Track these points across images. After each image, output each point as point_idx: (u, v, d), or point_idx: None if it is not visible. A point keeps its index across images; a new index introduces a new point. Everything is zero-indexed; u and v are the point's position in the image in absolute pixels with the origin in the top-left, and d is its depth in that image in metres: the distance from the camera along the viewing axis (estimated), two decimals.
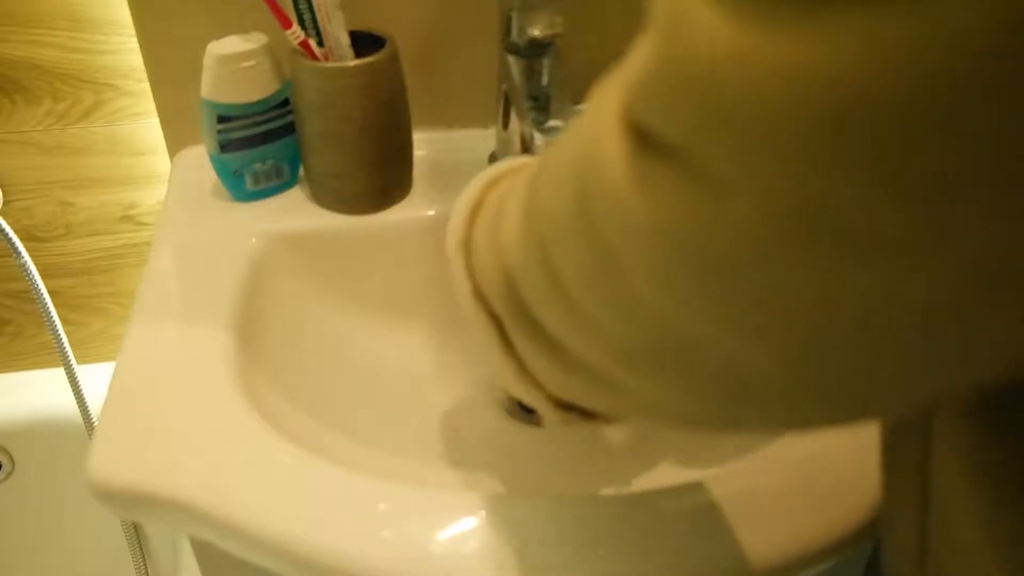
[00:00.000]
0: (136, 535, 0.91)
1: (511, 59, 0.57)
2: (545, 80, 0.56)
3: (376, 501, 0.41)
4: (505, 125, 0.63)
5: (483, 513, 0.40)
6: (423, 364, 0.62)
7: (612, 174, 0.20)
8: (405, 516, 0.40)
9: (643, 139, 0.19)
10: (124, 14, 0.70)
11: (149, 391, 0.46)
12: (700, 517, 0.40)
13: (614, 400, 0.27)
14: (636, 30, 0.68)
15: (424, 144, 0.65)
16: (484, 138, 0.67)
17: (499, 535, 0.39)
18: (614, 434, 0.57)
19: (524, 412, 0.60)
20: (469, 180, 0.63)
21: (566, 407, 0.34)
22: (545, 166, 0.26)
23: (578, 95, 0.66)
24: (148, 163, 0.81)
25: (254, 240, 0.57)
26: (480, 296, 0.34)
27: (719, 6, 0.16)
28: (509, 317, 0.30)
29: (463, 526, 0.40)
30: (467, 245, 0.35)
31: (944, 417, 0.26)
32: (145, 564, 0.92)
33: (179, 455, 0.42)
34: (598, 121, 0.21)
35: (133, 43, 0.70)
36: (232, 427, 0.44)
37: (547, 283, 0.25)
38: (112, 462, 0.42)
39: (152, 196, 0.82)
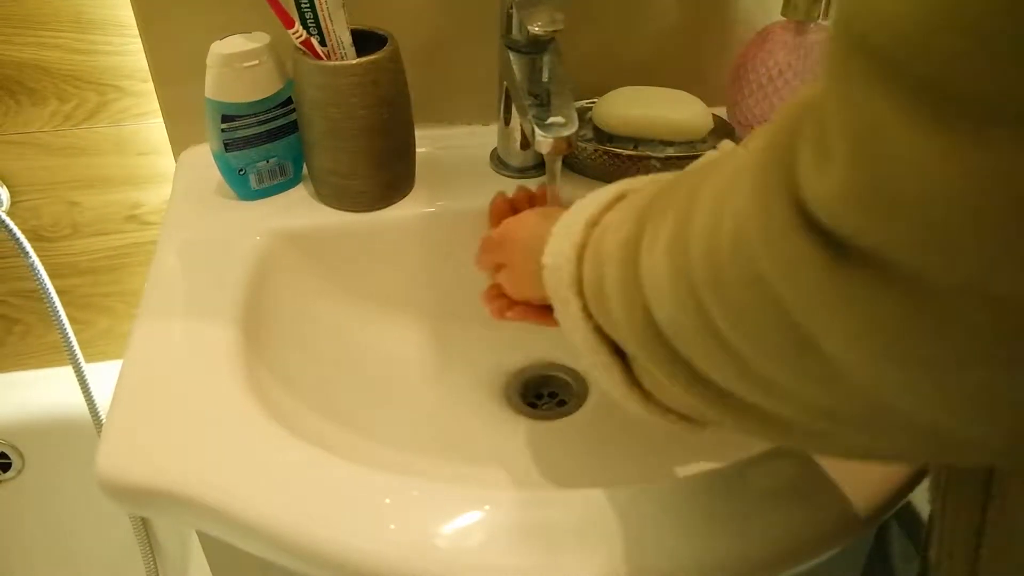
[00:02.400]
0: (145, 531, 0.91)
1: (512, 56, 0.57)
2: (546, 76, 0.56)
3: (382, 495, 0.41)
4: (506, 122, 0.63)
5: (487, 506, 0.40)
6: (427, 359, 0.62)
7: (805, 276, 0.20)
8: (411, 509, 0.40)
9: (838, 247, 0.19)
10: (128, 15, 0.70)
11: (156, 387, 0.46)
12: (709, 508, 0.40)
13: (793, 440, 0.28)
14: (635, 26, 0.67)
15: (426, 141, 0.66)
16: (485, 135, 0.68)
17: (503, 528, 0.39)
18: (618, 427, 0.58)
19: (529, 406, 0.61)
20: (471, 177, 0.64)
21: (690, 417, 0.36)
22: (689, 224, 0.26)
23: (578, 91, 0.67)
24: (153, 163, 0.82)
25: (258, 238, 0.58)
26: (600, 334, 0.35)
27: (922, 128, 0.16)
28: (653, 362, 0.30)
29: (468, 519, 0.40)
30: (579, 286, 0.35)
31: None
32: (155, 559, 0.93)
33: (186, 450, 0.43)
34: (761, 201, 0.22)
35: (137, 44, 0.70)
36: (238, 422, 0.44)
37: (714, 345, 0.25)
38: (120, 457, 0.42)
39: (157, 196, 0.83)
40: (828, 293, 0.19)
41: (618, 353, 0.35)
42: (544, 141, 0.52)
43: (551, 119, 0.52)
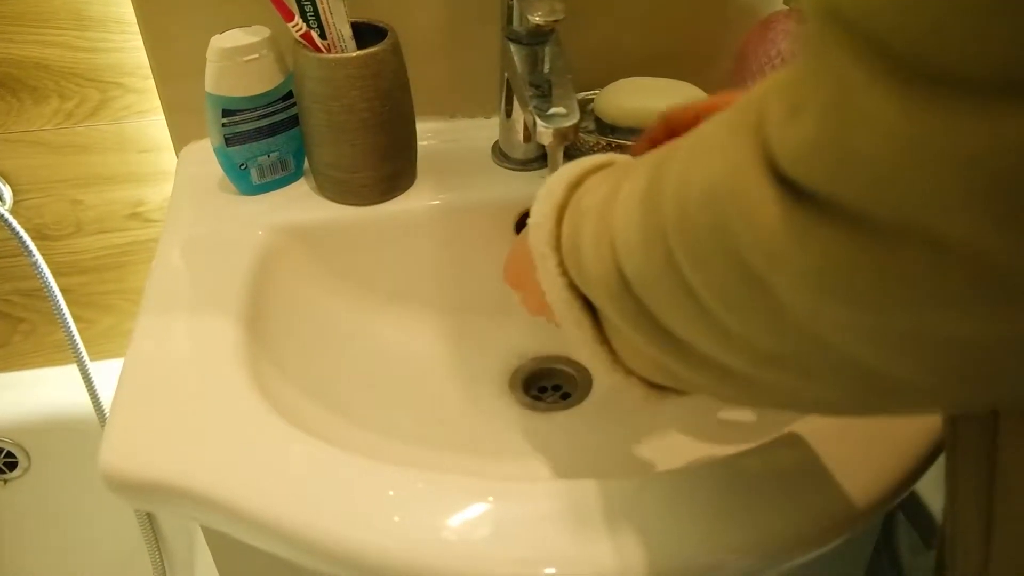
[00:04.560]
0: (152, 527, 0.92)
1: (512, 47, 0.57)
2: (547, 67, 0.56)
3: (386, 487, 0.41)
4: (508, 113, 0.63)
5: (493, 498, 0.40)
6: (430, 352, 0.62)
7: (763, 219, 0.22)
8: (415, 502, 0.40)
9: (796, 193, 0.21)
10: (128, 12, 0.70)
11: (159, 382, 0.46)
12: (713, 499, 0.40)
13: (741, 392, 0.29)
14: (637, 17, 0.67)
15: (428, 134, 0.66)
16: (487, 127, 0.67)
17: (510, 520, 0.39)
18: (625, 418, 0.58)
19: (533, 399, 0.61)
20: (472, 170, 0.64)
21: (658, 386, 0.36)
22: (661, 181, 0.27)
23: (579, 82, 0.67)
24: (155, 160, 0.82)
25: (261, 233, 0.58)
26: (574, 290, 0.36)
27: (891, 93, 0.17)
28: (619, 315, 0.32)
29: (474, 511, 0.40)
30: (557, 243, 0.36)
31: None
32: (161, 556, 0.93)
33: (189, 444, 0.43)
34: (731, 157, 0.23)
35: (138, 41, 0.70)
36: (242, 416, 0.44)
37: (680, 294, 0.26)
38: (124, 452, 0.42)
39: (160, 193, 0.83)
40: (782, 233, 0.21)
41: (590, 311, 0.36)
42: (546, 132, 0.52)
43: (552, 110, 0.52)
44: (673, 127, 0.52)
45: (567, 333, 0.38)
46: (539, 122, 0.52)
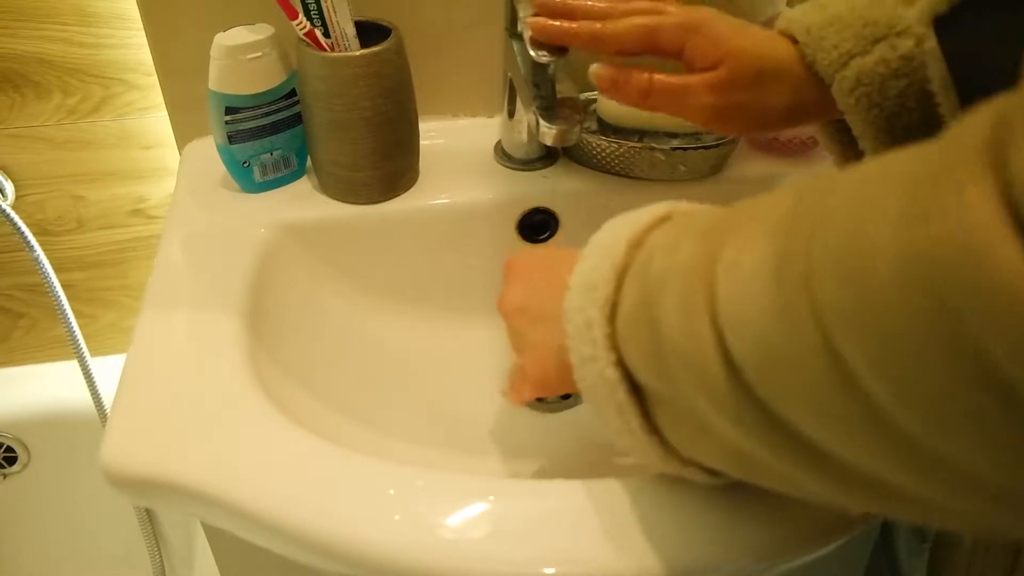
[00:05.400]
0: (151, 524, 0.92)
1: (516, 46, 0.57)
2: (550, 69, 0.55)
3: (386, 485, 0.41)
4: (511, 113, 0.63)
5: (494, 497, 0.40)
6: (432, 350, 0.62)
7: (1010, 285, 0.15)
8: (416, 500, 0.40)
9: None
10: (131, 8, 0.70)
11: (160, 378, 0.46)
12: (712, 500, 0.40)
13: (887, 506, 0.24)
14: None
15: (430, 133, 0.66)
16: (490, 126, 0.68)
17: (510, 519, 0.39)
18: None
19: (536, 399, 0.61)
20: (475, 169, 0.64)
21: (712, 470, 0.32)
22: (804, 245, 0.21)
23: (582, 81, 0.67)
24: (158, 156, 0.82)
25: (263, 230, 0.58)
26: (621, 369, 0.31)
27: None
28: (713, 404, 0.26)
29: (474, 510, 0.40)
30: (612, 311, 0.31)
31: None
32: (160, 552, 0.93)
33: (190, 441, 0.43)
34: (955, 215, 0.17)
35: (141, 37, 0.70)
36: (242, 413, 0.44)
37: (835, 394, 0.21)
38: (125, 448, 0.42)
39: (162, 189, 0.83)
40: None
41: (636, 395, 0.31)
42: (548, 132, 0.52)
43: (555, 110, 0.52)
44: (654, 41, 0.45)
45: (602, 418, 0.33)
46: (541, 122, 0.52)
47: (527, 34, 0.50)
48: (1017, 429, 0.17)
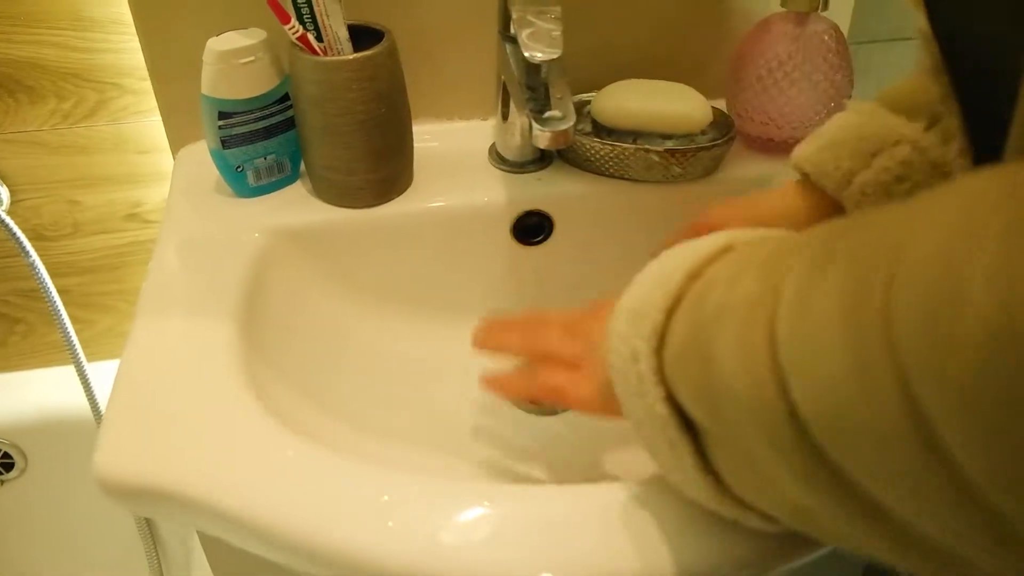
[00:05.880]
0: (149, 530, 0.92)
1: (509, 49, 0.57)
2: (543, 70, 0.55)
3: (380, 491, 0.41)
4: (505, 116, 0.63)
5: (489, 503, 0.40)
6: (427, 355, 0.62)
7: None
8: (410, 506, 0.40)
9: None
10: (125, 12, 0.70)
11: (154, 385, 0.46)
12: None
13: (934, 569, 0.22)
14: (634, 19, 0.67)
15: (425, 136, 0.65)
16: (484, 129, 0.67)
17: (506, 525, 0.39)
18: (623, 421, 0.57)
19: (529, 401, 0.61)
20: (469, 172, 0.64)
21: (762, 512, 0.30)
22: (883, 293, 0.19)
23: (576, 83, 0.67)
24: (153, 161, 0.82)
25: (257, 235, 0.57)
26: (672, 405, 0.29)
27: None
28: (778, 456, 0.24)
29: (470, 516, 0.40)
30: (660, 342, 0.30)
31: None
32: (158, 558, 0.93)
33: (185, 449, 0.43)
34: None
35: (135, 41, 0.70)
36: (237, 420, 0.44)
37: (918, 464, 0.18)
38: (118, 456, 0.42)
39: (158, 194, 0.83)
40: None
41: (688, 431, 0.29)
42: (542, 135, 0.51)
43: (548, 113, 0.52)
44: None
45: (652, 453, 0.31)
46: (535, 125, 0.51)
47: (520, 38, 0.50)
48: None
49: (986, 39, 0.28)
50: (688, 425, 0.29)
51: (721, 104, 0.66)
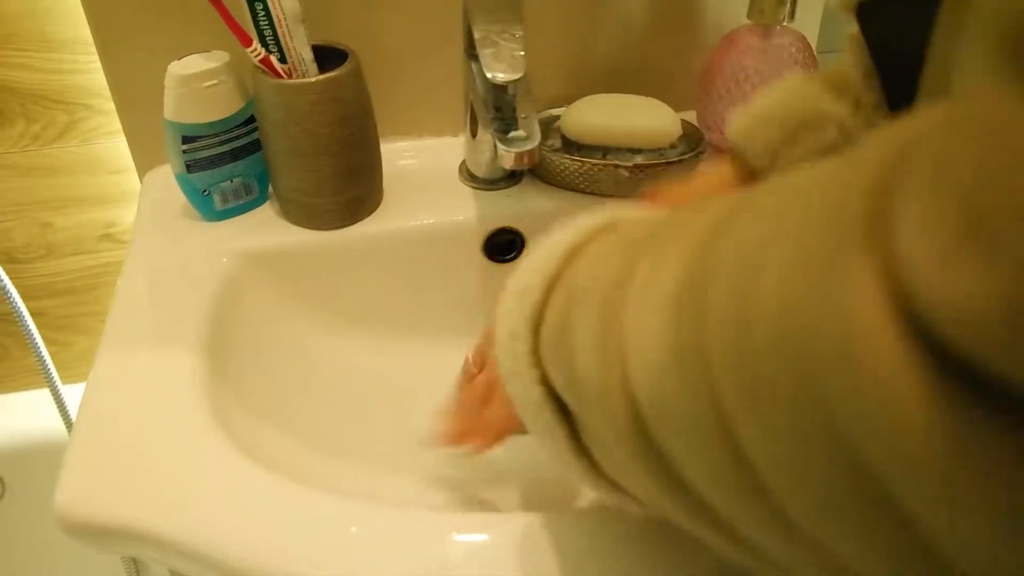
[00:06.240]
0: (133, 559, 0.91)
1: (474, 67, 0.57)
2: (509, 89, 0.55)
3: (348, 523, 0.40)
4: (474, 133, 0.62)
5: (456, 533, 0.40)
6: (399, 378, 0.62)
7: (902, 405, 0.13)
8: (378, 538, 0.40)
9: (956, 372, 0.13)
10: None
11: (118, 420, 0.46)
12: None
13: (754, 562, 0.22)
14: (603, 31, 0.66)
15: (394, 154, 0.65)
16: (455, 146, 0.67)
17: (474, 556, 0.39)
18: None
19: None
20: (440, 190, 0.63)
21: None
22: (707, 277, 0.19)
23: (545, 98, 0.66)
24: (126, 181, 0.81)
25: (225, 260, 0.57)
26: (546, 389, 0.28)
27: None
28: (625, 450, 0.23)
29: (438, 547, 0.39)
30: (537, 323, 0.29)
31: None
32: None
33: (149, 486, 0.42)
34: (833, 283, 0.14)
35: None
36: (203, 455, 0.44)
37: (725, 458, 0.19)
38: (80, 495, 0.42)
39: (131, 214, 0.82)
40: (937, 436, 0.13)
41: (565, 416, 0.28)
42: (507, 156, 0.51)
43: (513, 133, 0.52)
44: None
45: (534, 436, 0.31)
46: (500, 146, 0.51)
47: (483, 58, 0.50)
48: (889, 531, 0.15)
49: (916, 47, 0.27)
50: (564, 407, 0.28)
51: (692, 116, 0.66)
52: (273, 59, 0.55)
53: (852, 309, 0.14)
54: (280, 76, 0.55)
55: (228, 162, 0.59)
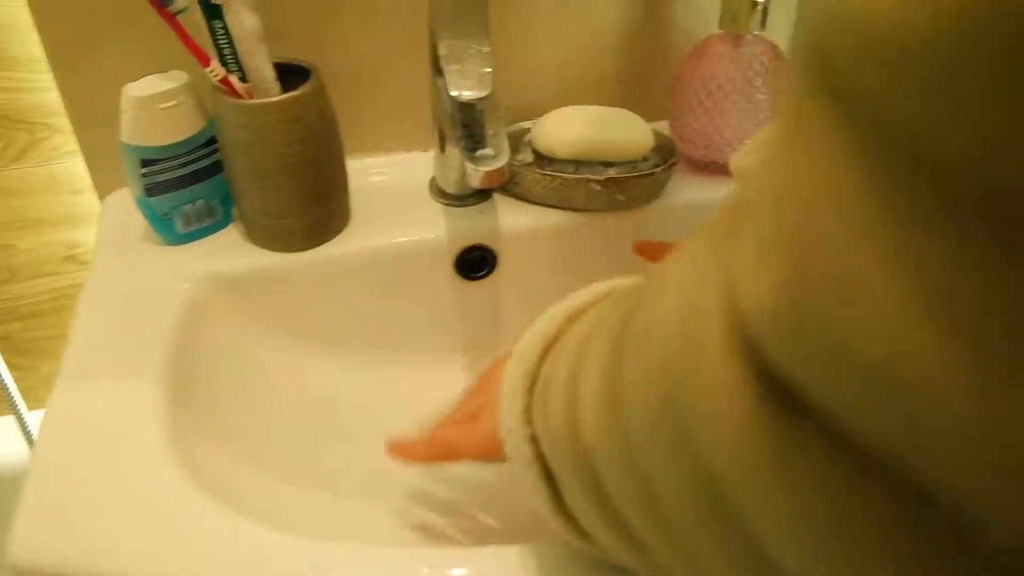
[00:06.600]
0: None
1: (440, 83, 0.55)
2: (476, 107, 0.54)
3: (311, 566, 0.39)
4: (443, 148, 0.61)
5: (427, 569, 0.39)
6: (370, 402, 0.60)
7: (724, 407, 0.15)
8: None
9: (769, 380, 0.14)
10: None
11: (75, 460, 0.44)
12: None
13: None
14: (573, 42, 0.65)
15: (362, 171, 0.64)
16: (425, 161, 0.66)
17: None
18: None
19: None
20: (410, 207, 0.62)
21: None
22: (629, 329, 0.21)
23: (515, 111, 0.65)
24: (89, 201, 0.79)
25: (187, 285, 0.55)
26: (535, 447, 0.29)
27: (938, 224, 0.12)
28: (579, 486, 0.25)
29: None
30: (532, 383, 0.30)
31: None
32: None
33: (108, 530, 0.40)
34: (689, 306, 0.17)
35: None
36: (164, 496, 0.42)
37: (634, 488, 0.21)
38: (35, 541, 0.40)
39: (95, 235, 0.80)
40: (753, 449, 0.14)
41: (549, 477, 0.30)
42: (475, 174, 0.50)
43: (481, 152, 0.50)
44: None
45: (527, 490, 0.31)
46: (468, 164, 0.50)
47: (448, 76, 0.49)
48: (739, 544, 0.17)
49: None
50: (549, 471, 0.30)
51: (664, 126, 0.65)
52: (233, 79, 0.54)
53: (699, 330, 0.16)
54: (240, 96, 0.54)
55: (189, 184, 0.57)
